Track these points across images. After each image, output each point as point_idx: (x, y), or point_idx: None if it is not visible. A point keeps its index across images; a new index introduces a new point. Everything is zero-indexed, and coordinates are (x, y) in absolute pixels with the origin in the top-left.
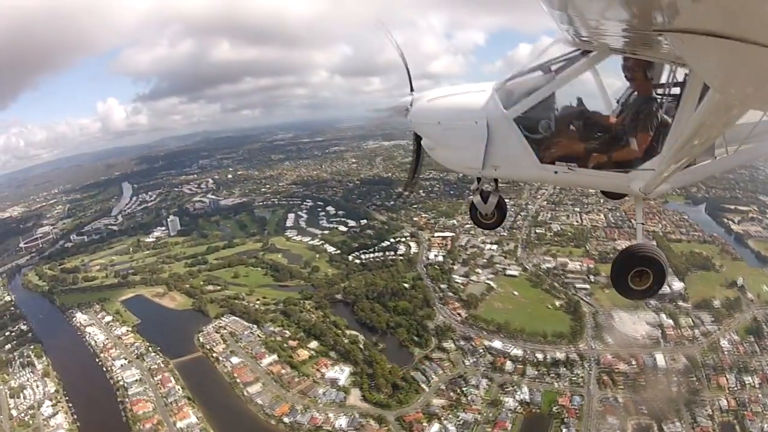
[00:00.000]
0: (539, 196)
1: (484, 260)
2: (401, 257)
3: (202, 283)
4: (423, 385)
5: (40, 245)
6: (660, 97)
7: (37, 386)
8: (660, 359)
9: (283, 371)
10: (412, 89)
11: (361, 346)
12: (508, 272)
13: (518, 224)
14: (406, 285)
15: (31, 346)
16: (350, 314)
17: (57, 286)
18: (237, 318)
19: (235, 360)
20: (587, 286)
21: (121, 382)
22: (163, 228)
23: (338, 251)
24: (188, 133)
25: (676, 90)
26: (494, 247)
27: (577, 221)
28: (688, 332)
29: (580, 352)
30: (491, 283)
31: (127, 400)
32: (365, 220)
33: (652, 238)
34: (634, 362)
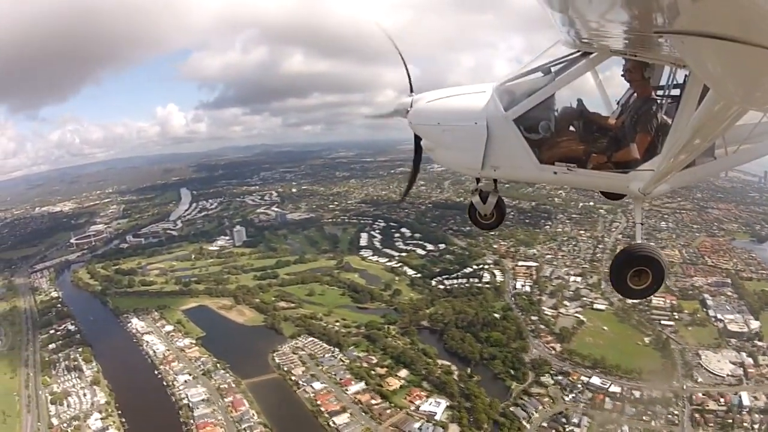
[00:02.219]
0: (614, 229)
1: (571, 292)
2: (487, 285)
3: (273, 298)
4: (524, 422)
5: (93, 243)
6: (660, 98)
7: (85, 394)
8: (745, 398)
9: (372, 401)
10: (411, 90)
11: (455, 377)
12: (596, 306)
13: (598, 257)
14: (496, 315)
15: (79, 349)
16: (436, 342)
17: (110, 287)
18: (315, 339)
19: (317, 385)
20: (672, 323)
21: (185, 400)
22: (227, 237)
23: (419, 275)
24: (247, 145)
25: (676, 91)
26: (579, 279)
27: None
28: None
29: (673, 390)
30: (580, 316)
31: (192, 421)
32: (443, 245)
33: (726, 276)
34: (722, 400)
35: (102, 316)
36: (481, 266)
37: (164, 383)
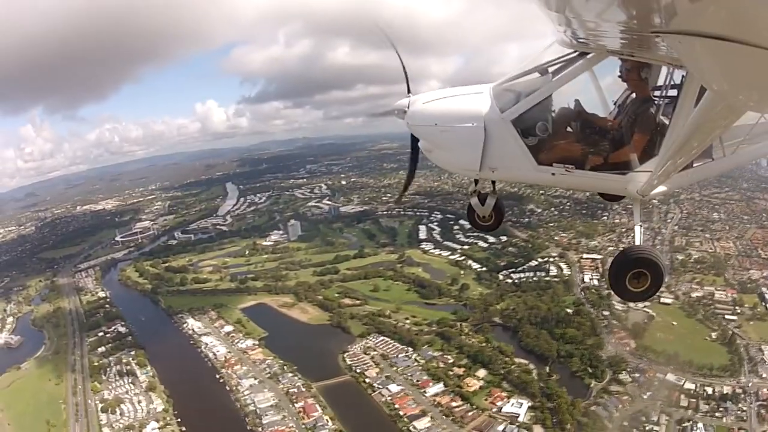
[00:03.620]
0: (669, 220)
1: None
2: (555, 279)
3: (336, 295)
4: (606, 422)
5: (139, 240)
6: (657, 98)
7: (140, 402)
8: None
9: (453, 403)
10: (409, 91)
11: (534, 377)
12: (663, 300)
13: (658, 248)
14: (569, 310)
15: (132, 352)
16: (510, 338)
17: (161, 285)
18: (386, 338)
19: (394, 388)
20: (735, 318)
21: (251, 407)
22: (281, 232)
23: (484, 269)
24: (289, 138)
25: (674, 92)
26: None
27: (710, 248)
28: None
29: (741, 385)
30: (649, 311)
31: (260, 429)
32: (504, 237)
33: None
34: None
35: (154, 316)
36: (546, 259)
37: (227, 388)
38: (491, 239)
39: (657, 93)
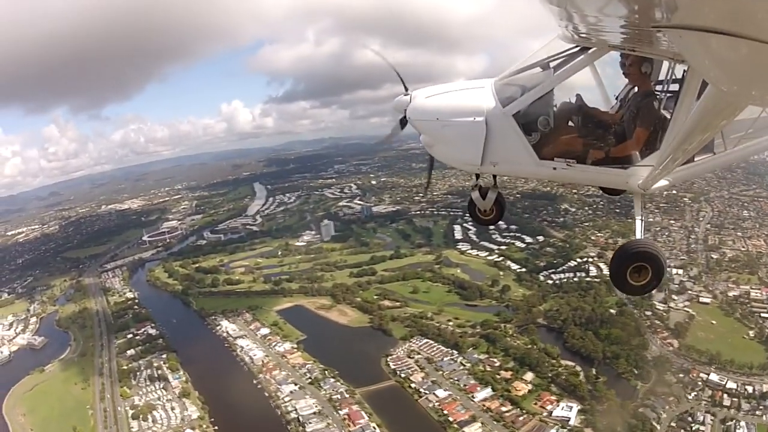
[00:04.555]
0: (701, 218)
1: (676, 285)
2: (596, 280)
3: (375, 296)
4: (654, 423)
5: (167, 240)
6: (659, 93)
7: (173, 408)
8: None
9: (502, 408)
10: (406, 89)
11: (582, 379)
12: (701, 299)
13: (692, 248)
14: (612, 311)
15: (163, 355)
16: (554, 340)
17: (192, 286)
18: (430, 341)
19: (441, 393)
20: None
21: (293, 414)
22: (313, 232)
23: (523, 269)
24: (315, 138)
25: (675, 86)
26: (680, 271)
27: (743, 246)
28: None
29: None
30: (689, 310)
31: None
32: (541, 237)
33: None
34: None
35: (186, 318)
36: (585, 259)
37: (266, 394)
38: (528, 239)
39: (658, 87)
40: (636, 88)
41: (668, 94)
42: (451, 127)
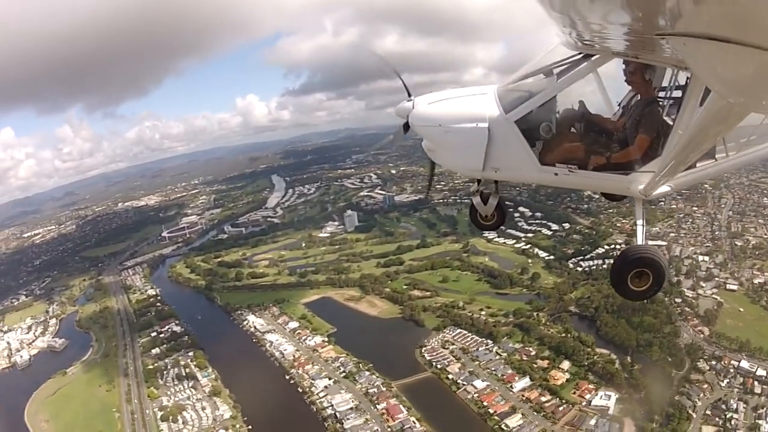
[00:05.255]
0: (723, 206)
1: (703, 272)
2: None
3: (405, 287)
4: (690, 411)
5: (187, 235)
6: (661, 100)
7: (204, 408)
8: None
9: (542, 398)
10: (409, 95)
11: (618, 367)
12: (729, 286)
13: (716, 234)
14: None
15: (190, 353)
16: (587, 328)
17: (216, 281)
18: (464, 331)
19: (479, 384)
20: None
21: (329, 410)
22: (336, 222)
23: (552, 257)
24: (331, 130)
25: (678, 93)
26: (706, 258)
27: (765, 233)
28: None
29: None
30: (718, 297)
31: None
32: (567, 224)
33: None
34: None
35: (211, 314)
36: (612, 246)
37: (299, 390)
38: (554, 226)
39: (661, 94)
40: (639, 96)
41: (671, 101)
42: (453, 133)
